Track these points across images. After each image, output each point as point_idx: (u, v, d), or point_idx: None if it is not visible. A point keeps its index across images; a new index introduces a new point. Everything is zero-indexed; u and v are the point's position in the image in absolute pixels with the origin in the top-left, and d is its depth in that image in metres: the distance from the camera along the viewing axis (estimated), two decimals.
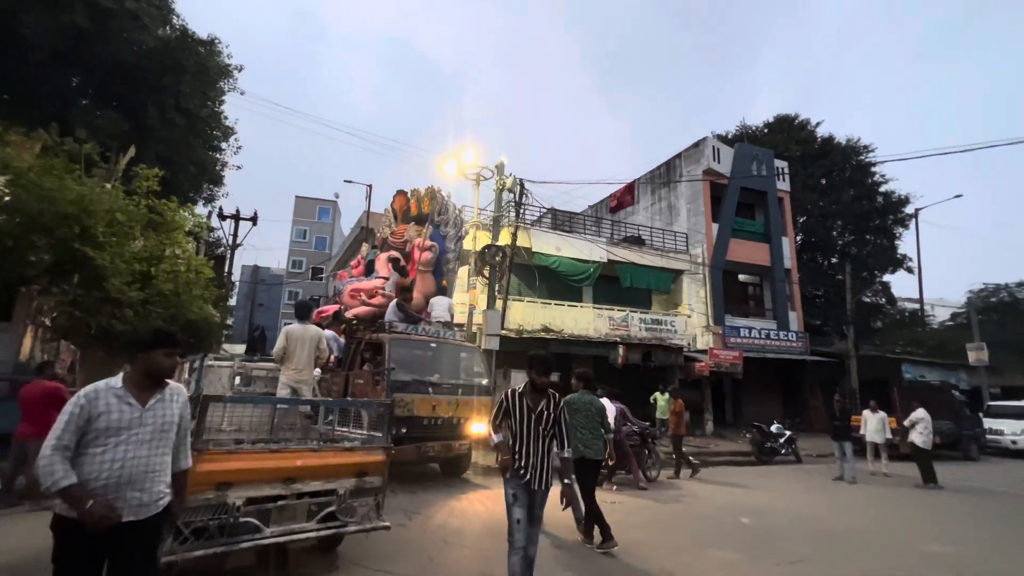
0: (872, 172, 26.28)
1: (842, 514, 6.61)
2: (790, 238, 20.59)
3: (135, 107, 14.87)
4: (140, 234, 8.39)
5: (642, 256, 17.17)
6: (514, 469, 3.13)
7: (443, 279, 9.81)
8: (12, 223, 6.71)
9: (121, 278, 7.37)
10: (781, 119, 27.80)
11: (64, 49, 13.09)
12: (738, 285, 19.98)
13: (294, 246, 45.70)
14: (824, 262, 27.14)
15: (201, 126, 17.26)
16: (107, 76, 14.42)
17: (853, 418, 10.51)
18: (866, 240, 26.45)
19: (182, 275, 9.04)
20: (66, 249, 6.93)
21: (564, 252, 15.72)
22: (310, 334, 5.16)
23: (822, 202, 25.66)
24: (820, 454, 12.48)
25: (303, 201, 46.70)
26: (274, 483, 3.41)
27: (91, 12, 12.66)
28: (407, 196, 11.89)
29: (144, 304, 8.02)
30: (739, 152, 19.65)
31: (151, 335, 2.10)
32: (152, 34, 14.12)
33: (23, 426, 5.20)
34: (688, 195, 19.37)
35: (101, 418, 1.89)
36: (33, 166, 6.99)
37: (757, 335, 17.92)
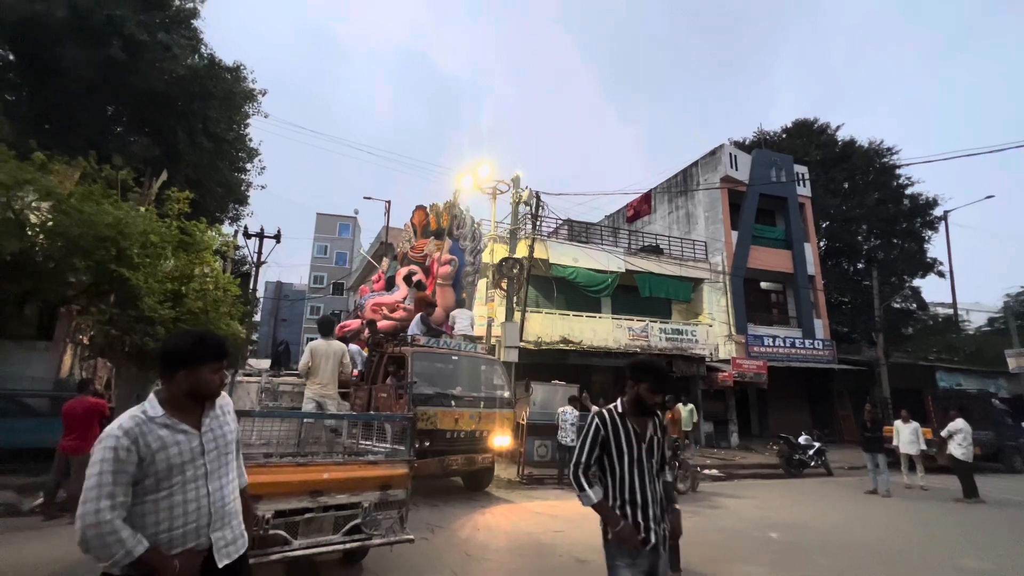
0: (897, 174, 25.68)
1: (876, 529, 6.39)
2: (813, 244, 20.19)
3: (165, 132, 15.54)
4: (171, 254, 8.72)
5: (660, 265, 17.04)
6: (635, 536, 2.13)
7: (462, 292, 9.93)
8: (54, 247, 7.07)
9: (154, 297, 7.66)
10: (800, 124, 27.46)
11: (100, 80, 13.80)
12: (760, 293, 19.64)
13: (315, 262, 46.66)
14: (850, 268, 26.48)
15: (227, 149, 17.90)
16: (140, 104, 15.13)
17: (885, 428, 10.16)
18: (893, 244, 25.76)
19: (211, 293, 9.33)
20: (103, 270, 7.25)
21: (581, 263, 15.72)
22: (334, 349, 5.29)
23: (845, 206, 25.13)
24: (852, 466, 12.08)
25: (324, 218, 47.77)
26: (301, 496, 3.49)
27: (126, 45, 13.35)
28: (426, 211, 12.12)
29: (175, 322, 8.29)
30: (757, 158, 19.45)
31: (193, 346, 1.66)
32: (182, 63, 14.78)
33: (67, 440, 5.43)
34: (706, 203, 19.21)
35: (158, 458, 1.52)
36: (74, 192, 7.37)
37: (782, 344, 17.53)
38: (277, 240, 20.44)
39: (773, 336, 17.66)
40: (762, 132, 27.65)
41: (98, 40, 13.03)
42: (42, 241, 7.10)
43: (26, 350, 7.58)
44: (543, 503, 7.13)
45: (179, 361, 1.63)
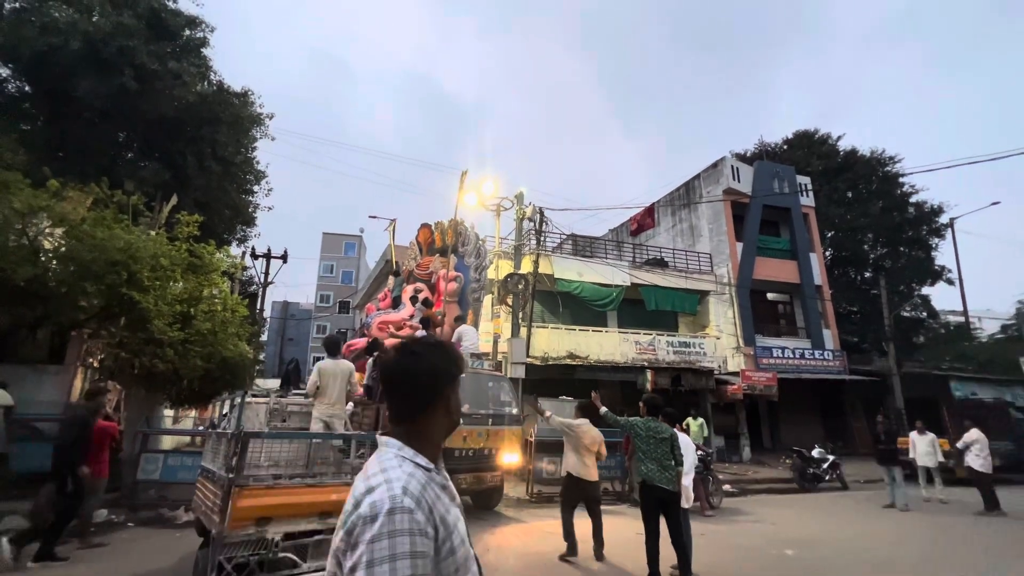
0: (901, 183, 25.65)
1: (895, 544, 6.24)
2: (818, 254, 20.13)
3: (175, 157, 15.85)
4: (180, 276, 8.84)
5: (666, 278, 17.03)
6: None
7: (468, 309, 9.96)
8: (67, 272, 7.19)
9: (163, 319, 7.75)
10: (801, 135, 27.59)
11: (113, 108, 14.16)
12: (767, 304, 19.53)
13: (322, 281, 46.96)
14: (857, 277, 26.31)
15: (235, 172, 18.21)
16: (150, 130, 15.48)
17: (899, 440, 9.97)
18: (900, 252, 25.60)
19: (219, 314, 9.43)
20: (114, 294, 7.35)
21: (586, 277, 15.74)
22: (341, 369, 5.31)
23: (850, 215, 25.07)
24: (868, 480, 11.84)
25: (329, 237, 48.22)
26: (310, 517, 3.48)
27: (137, 74, 13.71)
28: (431, 229, 12.23)
29: (184, 343, 8.37)
30: (759, 170, 19.53)
31: (451, 355, 1.12)
32: (192, 90, 15.14)
33: None
34: (709, 215, 19.26)
35: (454, 537, 0.95)
36: (86, 218, 7.52)
37: (791, 355, 17.36)
38: (284, 260, 20.65)
39: (782, 347, 17.50)
40: (763, 144, 27.82)
41: (111, 70, 13.40)
42: (55, 266, 7.22)
43: (38, 374, 7.65)
44: (554, 522, 7.02)
45: (447, 379, 1.09)
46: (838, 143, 26.71)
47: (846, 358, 18.17)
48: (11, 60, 14.02)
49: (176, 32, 15.64)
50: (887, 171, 25.67)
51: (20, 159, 9.70)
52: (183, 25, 15.81)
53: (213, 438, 4.29)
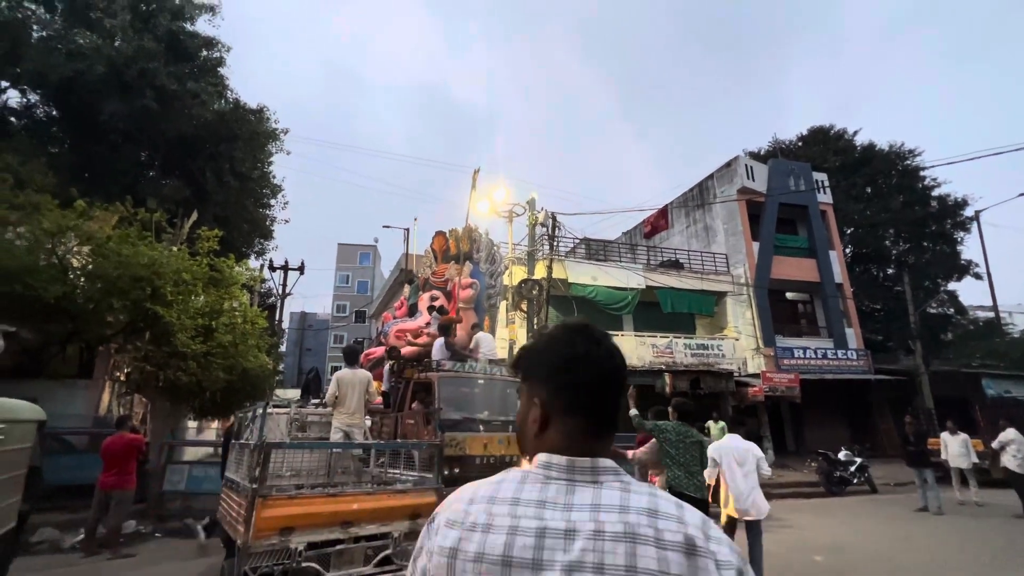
0: (922, 176, 25.04)
1: (929, 550, 6.03)
2: (838, 251, 19.71)
3: (195, 174, 16.28)
4: (202, 290, 9.04)
5: (681, 280, 16.84)
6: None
7: (484, 315, 9.98)
8: (94, 288, 7.42)
9: (186, 333, 7.92)
10: (815, 131, 27.16)
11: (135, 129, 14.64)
12: (787, 304, 19.17)
13: (338, 291, 47.56)
14: (879, 273, 25.69)
15: (252, 186, 18.61)
16: (171, 148, 15.94)
17: (930, 441, 9.66)
18: (924, 248, 24.95)
19: (239, 327, 9.61)
20: (139, 309, 7.55)
21: (600, 281, 15.65)
22: (359, 378, 5.36)
23: (869, 211, 24.54)
24: (898, 482, 11.48)
25: (345, 248, 48.87)
26: (333, 527, 3.50)
27: (158, 95, 14.15)
28: (446, 236, 12.30)
29: (206, 356, 8.54)
30: (774, 168, 19.26)
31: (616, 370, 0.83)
32: (210, 109, 15.57)
33: (106, 477, 5.57)
34: (724, 215, 19.02)
35: None
36: (111, 236, 7.76)
37: (813, 355, 16.98)
38: (301, 272, 20.99)
39: (804, 348, 17.14)
40: (777, 142, 27.45)
41: (133, 92, 13.85)
42: (83, 284, 7.45)
43: (68, 388, 7.89)
44: None
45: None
46: (855, 138, 26.23)
47: (871, 357, 17.71)
48: (39, 86, 14.59)
49: (194, 53, 16.11)
50: (907, 165, 25.10)
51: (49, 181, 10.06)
52: (200, 46, 16.28)
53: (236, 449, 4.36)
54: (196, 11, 16.17)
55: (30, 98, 15.26)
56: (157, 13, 15.19)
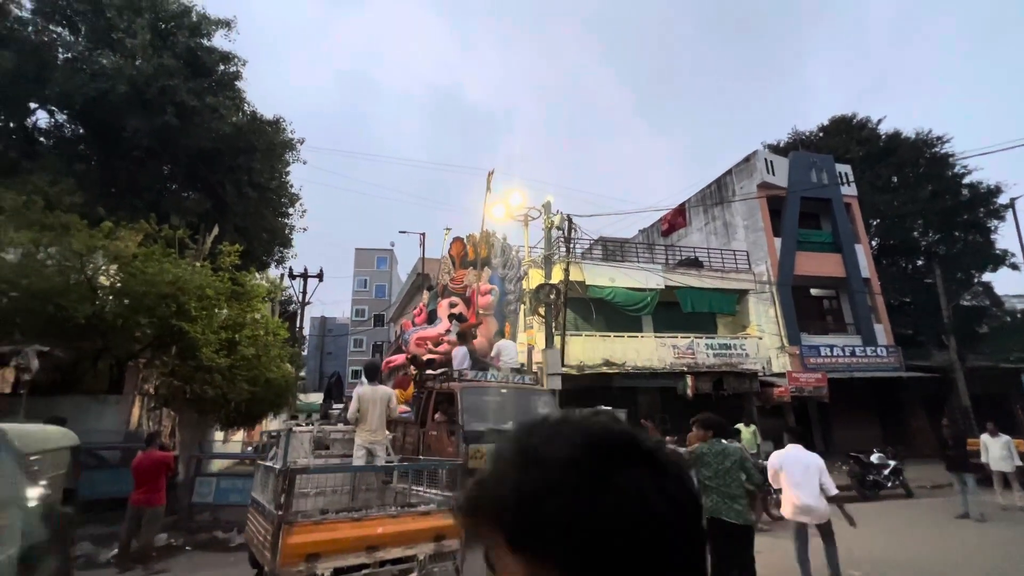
0: (951, 164, 24.09)
1: (975, 561, 5.76)
2: (864, 245, 19.12)
3: (214, 186, 16.62)
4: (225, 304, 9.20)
5: (701, 279, 16.54)
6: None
7: (505, 322, 9.90)
8: (122, 306, 7.60)
9: (211, 347, 8.06)
10: (837, 121, 26.37)
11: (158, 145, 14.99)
12: (811, 300, 18.68)
13: (356, 295, 48.12)
14: (908, 266, 24.84)
15: (271, 196, 18.92)
16: (191, 163, 16.29)
17: (969, 442, 9.28)
18: (955, 238, 24.00)
19: (261, 339, 9.76)
20: (165, 325, 7.72)
21: (618, 282, 15.46)
22: (380, 394, 5.36)
23: (896, 202, 23.72)
24: (935, 485, 11.06)
25: (362, 252, 49.41)
26: (359, 552, 3.49)
27: (178, 111, 14.48)
28: (464, 242, 12.20)
29: (230, 369, 8.69)
30: (794, 161, 18.77)
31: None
32: (228, 122, 15.86)
33: (137, 494, 5.69)
34: (744, 211, 18.62)
35: None
36: (137, 254, 7.94)
37: (840, 353, 16.52)
38: (320, 279, 21.28)
39: (830, 345, 16.68)
40: (797, 133, 26.76)
41: (155, 109, 14.19)
42: (111, 302, 7.64)
43: (100, 404, 8.10)
44: None
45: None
46: (879, 126, 25.38)
47: (901, 354, 17.14)
48: (66, 107, 15.07)
49: (211, 68, 16.43)
50: (935, 152, 24.18)
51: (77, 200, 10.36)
52: (217, 61, 16.59)
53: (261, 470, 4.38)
54: (213, 27, 16.48)
55: (58, 118, 15.77)
56: (175, 31, 15.54)
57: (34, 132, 15.76)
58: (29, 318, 7.04)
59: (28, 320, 7.09)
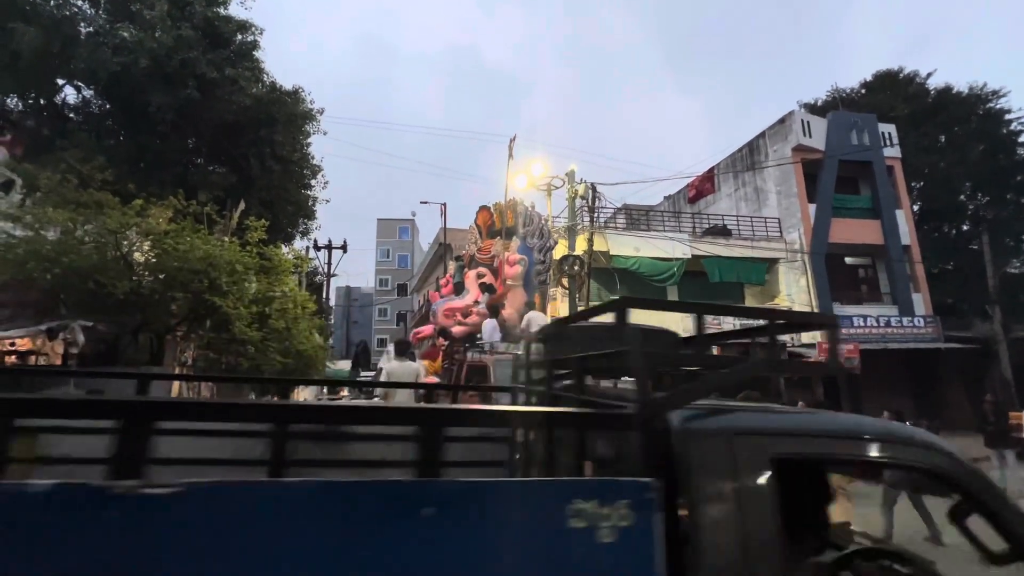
0: (1007, 121, 22.40)
1: None
2: (906, 210, 18.15)
3: (238, 160, 16.73)
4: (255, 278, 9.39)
5: (729, 248, 16.07)
6: None
7: (535, 293, 9.75)
8: (158, 281, 7.83)
9: (243, 321, 8.28)
10: (882, 76, 24.65)
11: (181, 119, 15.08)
12: (845, 269, 18.00)
13: (379, 265, 48.72)
14: (951, 231, 23.58)
15: (293, 169, 18.96)
16: (215, 137, 16.38)
17: (1011, 416, 8.96)
18: (1006, 201, 22.56)
19: (290, 311, 9.98)
20: (199, 300, 7.94)
21: (644, 252, 15.16)
22: (408, 371, 5.42)
23: (943, 163, 22.31)
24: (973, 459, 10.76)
25: (384, 223, 49.68)
26: None
27: (200, 84, 14.44)
28: (490, 211, 11.94)
29: (262, 341, 8.95)
30: (834, 121, 17.71)
31: None
32: (248, 93, 15.78)
33: None
34: (777, 176, 17.81)
35: None
36: (168, 230, 8.10)
37: (874, 323, 15.99)
38: (344, 250, 21.53)
39: (864, 316, 16.15)
40: (837, 91, 25.14)
41: (176, 83, 14.19)
42: (147, 277, 7.88)
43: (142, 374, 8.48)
44: None
45: None
46: (927, 81, 23.65)
47: (940, 324, 16.49)
48: (92, 82, 15.21)
49: (229, 38, 16.23)
50: (989, 108, 22.47)
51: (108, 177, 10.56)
52: (235, 30, 16.36)
53: None
54: None
55: (85, 94, 15.95)
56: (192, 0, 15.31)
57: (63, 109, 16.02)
58: (72, 294, 7.33)
59: (71, 296, 7.38)
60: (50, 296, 7.33)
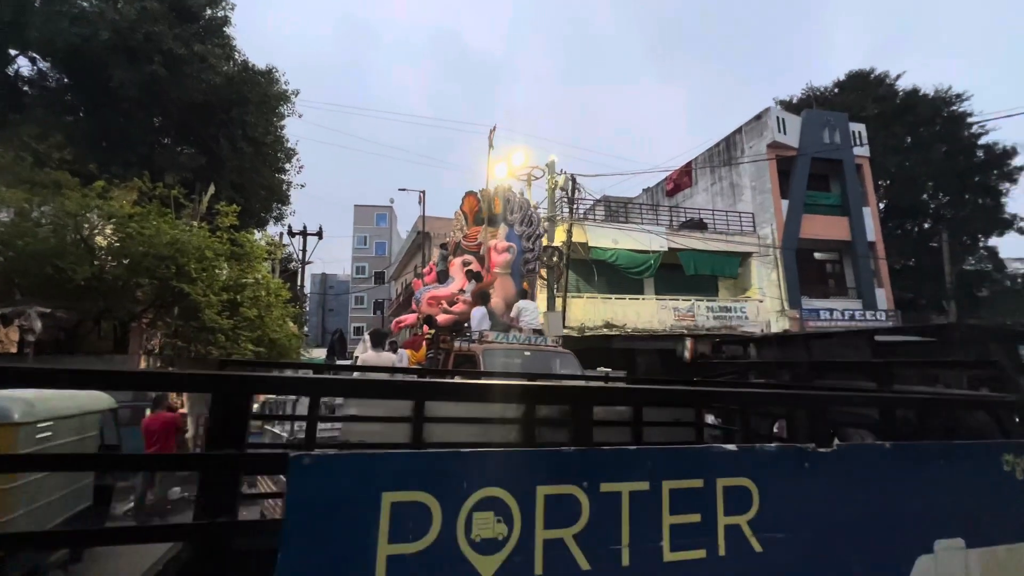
0: (968, 124, 23.32)
1: None
2: (872, 208, 18.78)
3: (208, 141, 16.14)
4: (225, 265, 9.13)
5: (705, 241, 16.36)
6: None
7: (523, 281, 9.60)
8: (121, 267, 7.54)
9: (213, 309, 8.07)
10: (854, 76, 25.28)
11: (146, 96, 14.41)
12: (814, 264, 18.56)
13: (356, 253, 47.91)
14: (914, 228, 24.56)
15: (266, 151, 18.42)
16: (183, 115, 15.74)
17: None
18: (965, 200, 23.59)
19: (263, 299, 9.75)
20: (165, 286, 7.69)
21: (622, 244, 15.29)
22: (383, 361, 5.38)
23: (908, 162, 23.14)
24: None
25: (361, 209, 48.76)
26: None
27: (166, 60, 13.82)
28: (477, 197, 11.57)
29: (233, 330, 8.74)
30: (807, 119, 18.12)
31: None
32: (218, 72, 15.19)
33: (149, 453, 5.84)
34: (752, 172, 18.16)
35: None
36: (133, 214, 7.79)
37: (840, 316, 16.59)
38: (319, 237, 21.06)
39: (830, 309, 16.74)
40: (812, 89, 25.71)
41: (141, 58, 13.54)
42: (110, 262, 7.57)
43: (105, 363, 8.18)
44: None
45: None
46: (897, 83, 24.36)
47: (900, 318, 17.23)
48: (48, 53, 14.37)
49: (198, 13, 15.56)
50: (953, 111, 23.34)
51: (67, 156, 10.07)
52: (204, 5, 15.69)
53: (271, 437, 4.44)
54: None
55: (40, 66, 15.08)
56: None
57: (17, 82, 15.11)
58: (28, 279, 7.00)
59: (27, 281, 7.05)
60: (3, 280, 6.98)
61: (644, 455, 1.17)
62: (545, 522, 1.04)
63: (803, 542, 1.22)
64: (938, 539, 1.34)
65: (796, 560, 1.22)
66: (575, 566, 1.05)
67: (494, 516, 1.02)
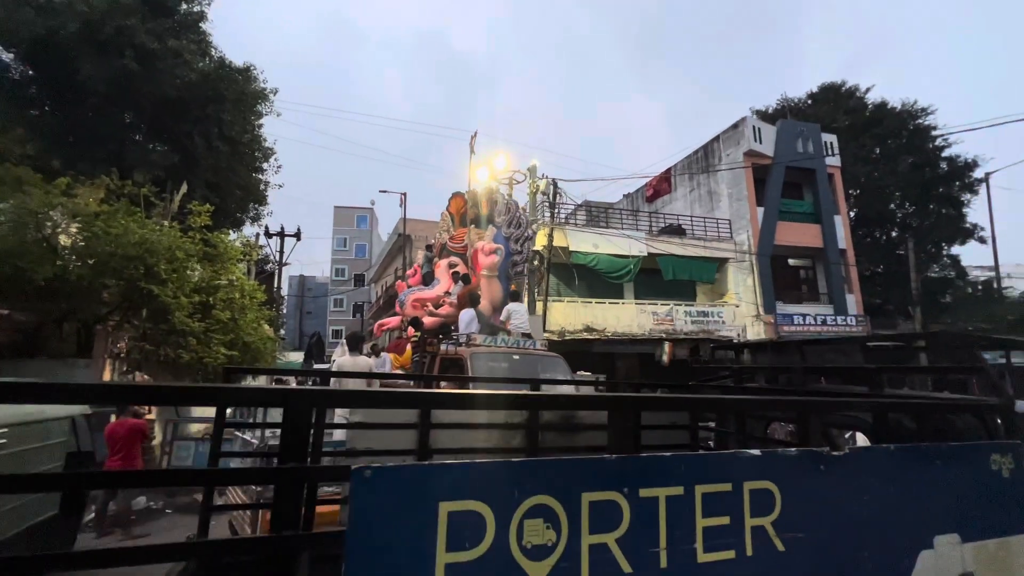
0: (932, 136, 24.30)
1: None
2: (843, 216, 19.39)
3: (182, 139, 15.68)
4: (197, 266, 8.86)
5: (683, 247, 16.64)
6: None
7: (511, 283, 9.49)
8: (86, 267, 7.24)
9: (183, 311, 7.81)
10: (826, 88, 26.12)
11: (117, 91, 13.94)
12: (788, 270, 19.05)
13: (336, 255, 47.23)
14: (882, 236, 25.43)
15: (243, 151, 17.99)
16: (156, 112, 15.26)
17: None
18: (929, 210, 24.54)
19: (237, 302, 9.50)
20: (133, 288, 7.42)
21: (602, 249, 15.44)
22: (360, 365, 5.29)
23: (876, 173, 23.98)
24: None
25: (341, 210, 48.13)
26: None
27: (138, 54, 13.39)
28: (464, 198, 11.41)
29: (205, 333, 8.48)
30: (782, 129, 18.63)
31: None
32: (193, 68, 14.78)
33: (112, 461, 5.61)
34: (729, 179, 18.57)
35: None
36: (100, 212, 7.50)
37: (812, 321, 17.05)
38: (297, 238, 20.68)
39: (803, 314, 17.18)
40: (786, 100, 26.47)
41: (111, 52, 13.10)
42: (74, 262, 7.27)
43: (68, 368, 7.84)
44: None
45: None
46: (866, 95, 25.25)
47: (869, 323, 17.80)
48: (12, 44, 13.78)
49: (172, 7, 15.17)
50: (918, 124, 24.29)
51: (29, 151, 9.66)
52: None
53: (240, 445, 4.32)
54: None
55: (3, 58, 14.44)
56: None
57: None
58: None
59: None
60: None
61: (678, 461, 1.22)
62: (590, 527, 1.09)
63: (820, 540, 1.29)
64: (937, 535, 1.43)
65: (815, 558, 1.28)
66: (618, 569, 1.10)
67: (543, 523, 1.06)
